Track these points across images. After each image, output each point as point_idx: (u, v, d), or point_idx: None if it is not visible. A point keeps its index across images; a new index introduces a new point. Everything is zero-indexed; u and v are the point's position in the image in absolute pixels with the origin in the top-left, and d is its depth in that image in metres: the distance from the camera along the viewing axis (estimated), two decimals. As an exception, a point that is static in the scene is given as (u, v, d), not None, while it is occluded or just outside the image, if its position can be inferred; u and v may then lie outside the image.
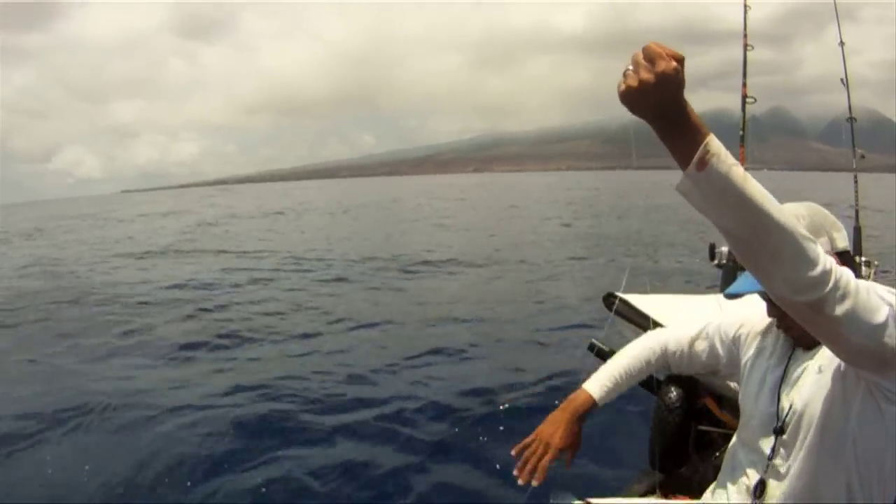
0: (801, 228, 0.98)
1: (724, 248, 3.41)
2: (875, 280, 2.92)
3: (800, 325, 1.17)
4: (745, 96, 3.59)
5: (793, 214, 1.13)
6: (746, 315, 1.54)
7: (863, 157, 3.86)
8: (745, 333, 1.52)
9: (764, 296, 1.34)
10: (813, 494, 1.24)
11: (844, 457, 1.20)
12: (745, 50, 3.64)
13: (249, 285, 9.92)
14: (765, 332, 1.48)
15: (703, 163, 0.93)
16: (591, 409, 1.55)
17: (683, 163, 0.95)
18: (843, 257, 1.30)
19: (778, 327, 1.39)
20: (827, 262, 0.98)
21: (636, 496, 1.78)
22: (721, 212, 0.95)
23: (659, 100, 0.91)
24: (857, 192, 3.83)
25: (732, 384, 1.77)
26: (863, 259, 3.38)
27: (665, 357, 1.66)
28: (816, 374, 1.27)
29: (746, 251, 0.99)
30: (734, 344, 1.55)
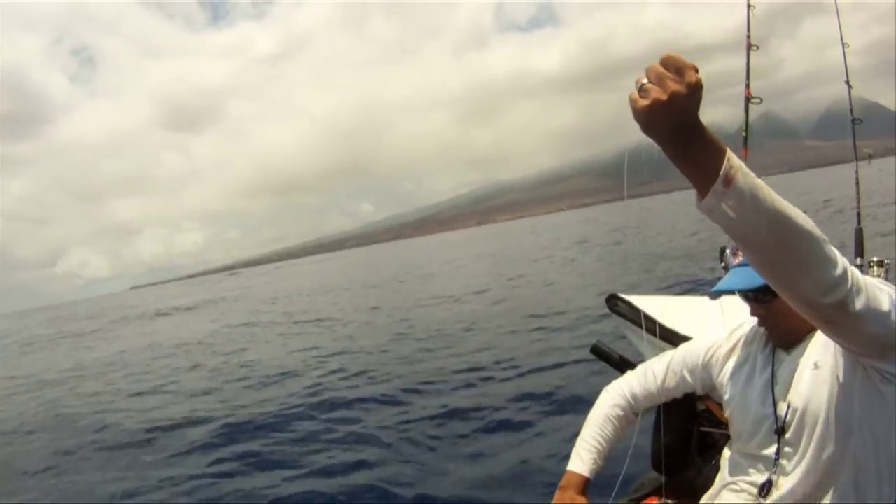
0: (818, 230, 0.96)
1: (729, 251, 3.34)
2: (886, 277, 3.09)
3: (783, 324, 1.30)
4: (748, 97, 3.49)
5: None
6: (712, 338, 1.56)
7: (870, 156, 3.74)
8: (714, 355, 1.54)
9: (745, 295, 1.37)
10: (822, 486, 1.24)
11: (851, 445, 1.21)
12: (749, 50, 3.54)
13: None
14: (735, 348, 1.50)
15: (729, 178, 0.88)
16: (587, 484, 1.57)
17: (706, 180, 0.89)
18: None
19: (761, 325, 1.40)
20: (842, 259, 0.98)
21: (640, 498, 1.78)
22: (749, 225, 0.91)
23: (685, 113, 0.85)
24: (858, 194, 3.75)
25: None
26: (874, 259, 3.34)
27: (635, 405, 1.65)
28: (813, 370, 1.27)
29: (773, 262, 0.96)
30: (704, 370, 1.56)
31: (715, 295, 1.43)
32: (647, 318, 2.21)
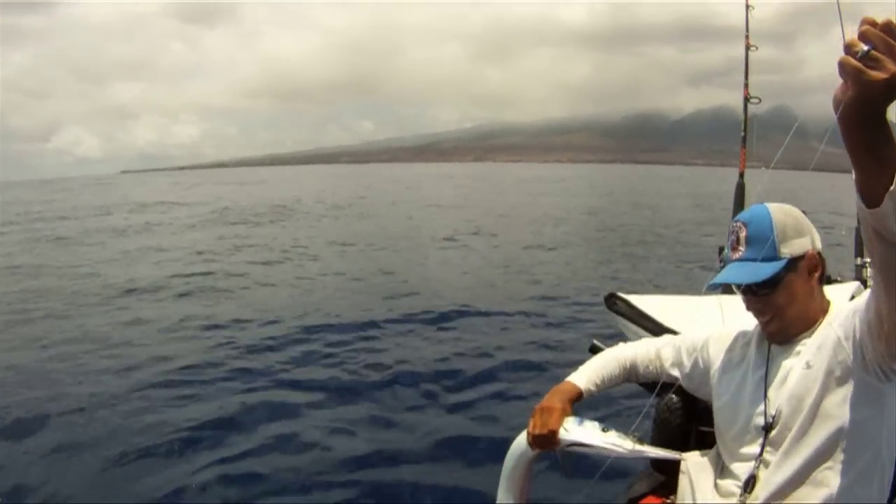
0: None
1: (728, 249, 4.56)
2: None
3: (780, 317, 1.32)
4: (747, 97, 3.44)
5: (780, 210, 1.34)
6: (712, 331, 1.58)
7: None
8: (712, 348, 1.55)
9: (743, 289, 1.36)
10: (807, 484, 1.24)
11: (839, 443, 1.21)
12: (748, 50, 3.47)
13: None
14: (732, 344, 1.51)
15: None
16: (579, 398, 1.57)
17: (885, 177, 0.82)
18: (820, 257, 1.34)
19: (757, 317, 1.39)
20: None
21: (639, 498, 1.77)
22: None
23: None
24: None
25: None
26: (867, 260, 3.30)
27: (636, 368, 1.67)
28: (804, 369, 1.27)
29: None
30: (701, 358, 1.57)
31: (713, 287, 1.40)
32: (647, 317, 2.22)
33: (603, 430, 1.43)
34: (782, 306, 1.33)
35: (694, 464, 1.51)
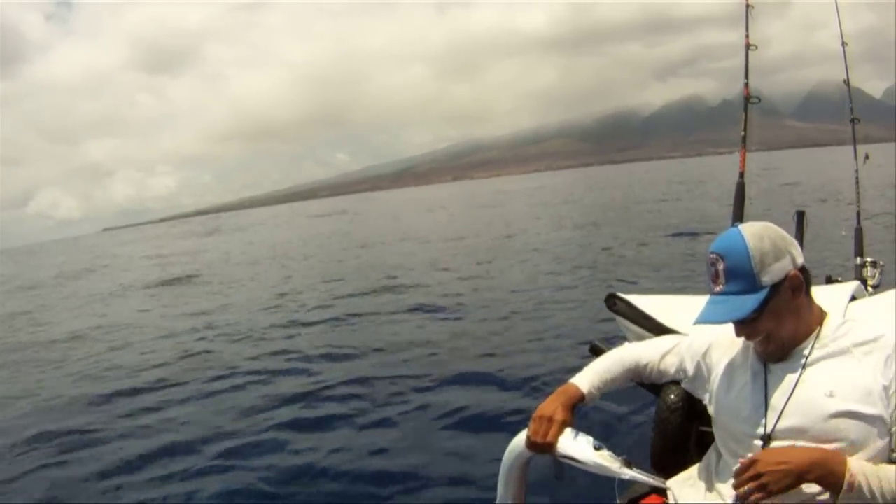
0: None
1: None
2: (880, 278, 3.21)
3: (769, 341, 1.35)
4: (747, 97, 3.44)
5: (755, 236, 1.33)
6: (716, 334, 1.57)
7: (867, 157, 3.74)
8: (714, 354, 1.56)
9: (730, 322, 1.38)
10: (804, 497, 1.25)
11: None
12: (748, 50, 3.49)
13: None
14: (734, 350, 1.51)
15: (851, 486, 1.16)
16: (581, 401, 1.56)
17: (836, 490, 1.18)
18: (803, 272, 1.35)
19: (753, 343, 1.41)
20: None
21: (639, 498, 1.77)
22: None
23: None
24: (858, 194, 3.73)
25: None
26: (867, 260, 3.35)
27: (639, 369, 1.67)
28: (827, 397, 1.27)
29: None
30: (703, 362, 1.57)
31: (700, 323, 1.40)
32: (647, 317, 2.22)
33: (595, 448, 1.45)
34: (771, 330, 1.34)
35: (679, 488, 1.55)
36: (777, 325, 1.33)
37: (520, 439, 1.56)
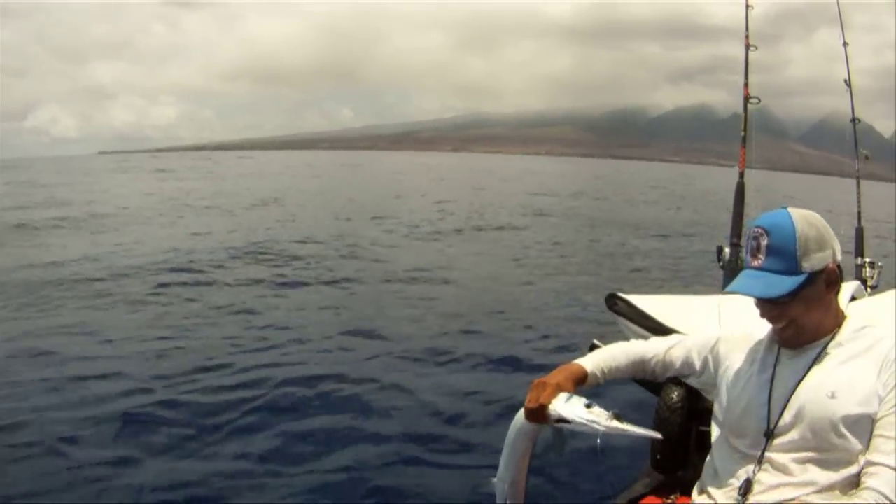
0: None
1: (728, 250, 3.26)
2: (878, 278, 3.23)
3: (796, 326, 1.33)
4: (747, 97, 3.47)
5: (805, 220, 1.32)
6: (722, 332, 1.60)
7: (867, 157, 3.71)
8: (722, 348, 1.56)
9: (757, 299, 1.37)
10: (806, 491, 1.25)
11: (842, 458, 1.25)
12: (748, 50, 3.52)
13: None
14: (742, 346, 1.51)
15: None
16: (583, 380, 1.55)
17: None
18: (839, 270, 1.34)
19: (774, 326, 1.40)
20: None
21: (639, 498, 1.77)
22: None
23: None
24: (859, 193, 3.71)
25: None
26: (867, 260, 3.36)
27: (643, 363, 1.65)
28: (829, 398, 1.27)
29: None
30: (710, 356, 1.57)
31: (730, 292, 1.40)
32: (647, 317, 2.22)
33: (587, 406, 1.43)
34: (797, 316, 1.35)
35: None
36: (804, 313, 1.33)
37: (521, 413, 1.56)
